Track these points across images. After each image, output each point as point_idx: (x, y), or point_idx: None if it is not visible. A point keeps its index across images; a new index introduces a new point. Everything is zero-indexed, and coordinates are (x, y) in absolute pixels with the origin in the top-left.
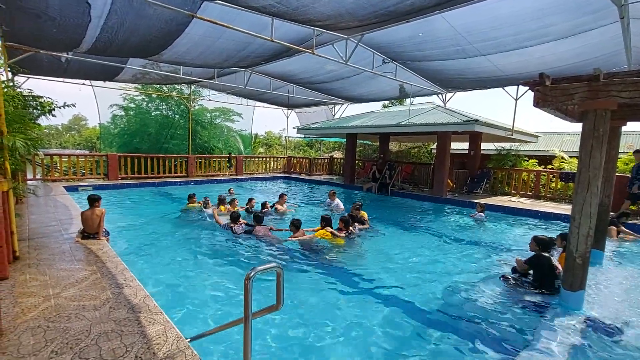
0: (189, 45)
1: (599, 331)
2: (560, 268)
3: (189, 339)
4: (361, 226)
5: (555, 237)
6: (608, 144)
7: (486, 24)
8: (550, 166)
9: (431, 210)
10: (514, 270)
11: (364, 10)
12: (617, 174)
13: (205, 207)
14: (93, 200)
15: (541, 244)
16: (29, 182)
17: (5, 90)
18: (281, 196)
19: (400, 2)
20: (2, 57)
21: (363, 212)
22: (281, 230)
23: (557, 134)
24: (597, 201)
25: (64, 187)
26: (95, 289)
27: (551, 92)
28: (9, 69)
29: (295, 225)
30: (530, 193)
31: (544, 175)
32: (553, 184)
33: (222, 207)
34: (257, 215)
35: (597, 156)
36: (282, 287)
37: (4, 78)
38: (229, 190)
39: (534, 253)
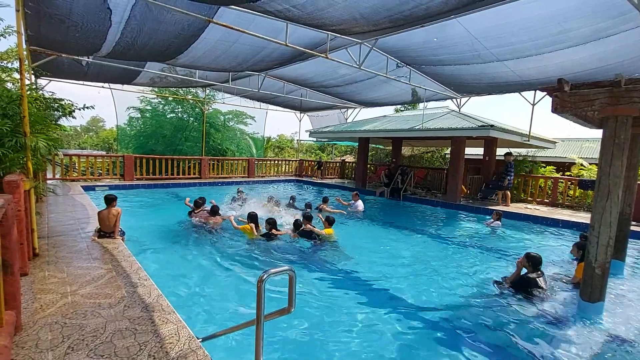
0: (205, 50)
1: (618, 344)
2: (545, 287)
3: (201, 339)
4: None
5: (571, 246)
6: (629, 151)
7: (503, 29)
8: (568, 173)
9: (444, 216)
10: (496, 282)
11: (378, 14)
12: (639, 182)
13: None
14: (110, 200)
15: (532, 261)
16: (48, 182)
17: (29, 92)
18: (325, 199)
19: (415, 7)
20: (27, 61)
21: (329, 230)
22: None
23: (576, 140)
24: (617, 210)
25: (82, 186)
26: (111, 287)
27: (570, 97)
28: (32, 72)
29: (214, 210)
30: (547, 200)
31: (562, 182)
32: (571, 192)
33: None
34: (214, 208)
35: (617, 164)
36: (294, 290)
37: (27, 81)
38: (238, 189)
39: (522, 276)
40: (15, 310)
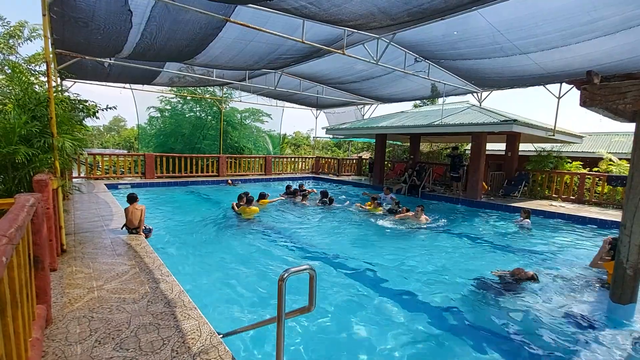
0: (222, 49)
1: None
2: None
3: (222, 335)
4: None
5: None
6: None
7: (527, 20)
8: (596, 169)
9: (465, 214)
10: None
11: (397, 8)
12: None
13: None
14: (132, 199)
15: (515, 275)
16: (74, 180)
17: (55, 94)
18: (420, 207)
19: None
20: (53, 64)
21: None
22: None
23: (604, 134)
24: None
25: (105, 184)
26: (135, 282)
27: (600, 90)
28: (58, 74)
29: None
30: (574, 197)
31: (589, 178)
32: (599, 188)
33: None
34: (249, 198)
35: None
36: (315, 289)
37: (54, 83)
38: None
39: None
40: (46, 305)
